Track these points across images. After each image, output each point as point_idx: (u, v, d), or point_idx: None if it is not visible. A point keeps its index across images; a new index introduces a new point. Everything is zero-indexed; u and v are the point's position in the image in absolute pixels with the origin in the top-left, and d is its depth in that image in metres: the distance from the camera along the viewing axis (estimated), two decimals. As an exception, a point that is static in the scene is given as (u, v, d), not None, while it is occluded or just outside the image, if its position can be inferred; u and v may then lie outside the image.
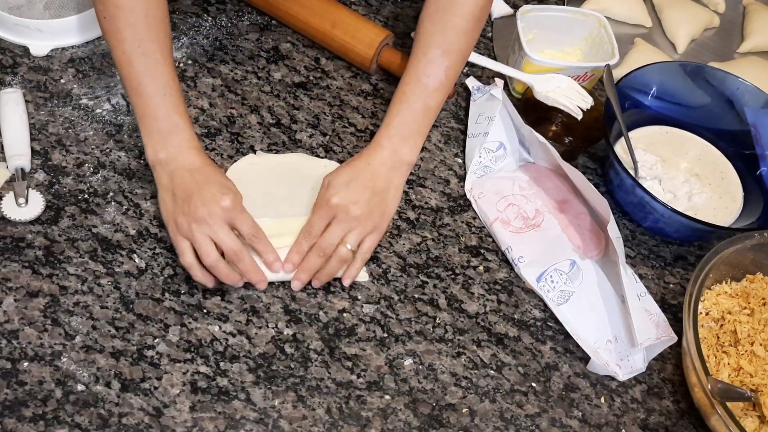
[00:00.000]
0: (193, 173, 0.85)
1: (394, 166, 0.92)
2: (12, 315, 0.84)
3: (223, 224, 0.83)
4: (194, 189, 0.84)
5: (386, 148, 0.91)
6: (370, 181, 0.89)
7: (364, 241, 0.89)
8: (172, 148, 0.86)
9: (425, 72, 0.93)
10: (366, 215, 0.88)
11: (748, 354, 0.90)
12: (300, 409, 0.83)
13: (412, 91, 0.93)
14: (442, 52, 0.93)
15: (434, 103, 0.94)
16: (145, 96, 0.86)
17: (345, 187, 0.88)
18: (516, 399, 0.88)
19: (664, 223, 1.03)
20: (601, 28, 1.16)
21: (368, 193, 0.88)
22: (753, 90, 1.11)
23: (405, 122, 0.92)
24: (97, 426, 0.78)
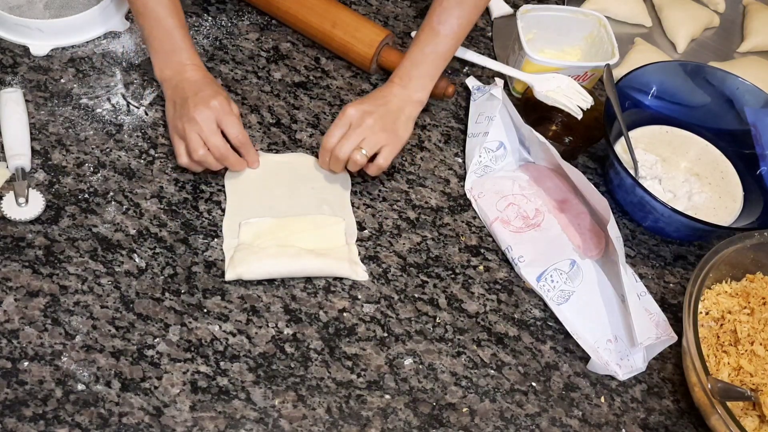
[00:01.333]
0: (191, 83, 0.94)
1: (404, 100, 0.98)
2: (12, 314, 0.84)
3: (212, 123, 0.92)
4: (189, 94, 0.93)
5: (396, 84, 0.99)
6: (383, 103, 0.97)
7: (381, 151, 0.95)
8: (175, 64, 0.96)
9: (438, 19, 0.98)
10: (380, 127, 0.95)
11: (748, 353, 0.90)
12: (300, 409, 0.83)
13: (425, 36, 0.99)
14: (457, 1, 0.98)
15: (444, 48, 1.00)
16: (150, 18, 0.95)
17: (360, 102, 0.96)
18: (516, 398, 0.88)
19: (664, 222, 1.03)
20: (601, 28, 1.16)
21: (382, 109, 0.96)
22: (753, 90, 1.11)
23: (415, 64, 0.99)
24: (97, 425, 0.78)
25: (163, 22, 0.95)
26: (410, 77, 0.99)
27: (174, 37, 0.96)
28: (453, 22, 0.98)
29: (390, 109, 0.97)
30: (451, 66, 1.18)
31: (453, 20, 0.98)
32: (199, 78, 0.96)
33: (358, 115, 0.95)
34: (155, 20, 0.95)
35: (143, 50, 1.08)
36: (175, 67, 0.96)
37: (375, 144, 0.94)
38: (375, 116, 0.95)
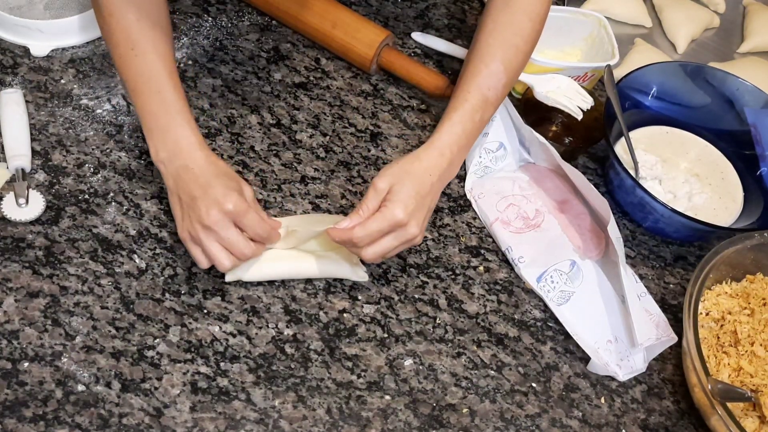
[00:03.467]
0: (195, 174, 0.83)
1: (445, 178, 0.91)
2: (12, 315, 0.84)
3: (230, 228, 0.81)
4: (197, 193, 0.82)
5: (447, 157, 0.90)
6: (428, 198, 0.88)
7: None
8: (171, 144, 0.84)
9: (487, 84, 0.93)
10: (417, 235, 0.86)
11: (748, 354, 0.90)
12: (300, 410, 0.83)
13: (474, 101, 0.92)
14: (504, 67, 0.93)
15: (488, 117, 0.95)
16: (142, 95, 0.85)
17: (411, 202, 0.85)
18: (516, 399, 0.89)
19: (664, 223, 1.03)
20: (601, 29, 1.16)
21: (425, 211, 0.87)
22: (753, 90, 1.11)
23: (465, 132, 0.92)
24: (97, 426, 0.78)
25: (156, 97, 0.85)
26: (459, 148, 0.91)
27: (169, 113, 0.84)
28: (499, 90, 0.94)
29: (431, 204, 0.89)
30: (451, 66, 1.18)
31: (500, 88, 0.94)
32: (201, 162, 0.83)
33: (405, 223, 0.84)
34: (147, 96, 0.85)
35: (143, 51, 1.08)
36: (172, 148, 0.84)
37: (401, 249, 0.88)
38: (419, 223, 0.86)
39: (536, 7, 0.95)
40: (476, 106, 0.92)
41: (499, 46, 0.94)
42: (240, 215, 0.81)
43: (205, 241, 0.82)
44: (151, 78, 0.85)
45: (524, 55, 0.96)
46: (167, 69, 0.86)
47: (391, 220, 0.84)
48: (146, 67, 0.85)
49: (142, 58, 0.85)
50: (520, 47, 0.95)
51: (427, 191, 0.87)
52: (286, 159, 1.03)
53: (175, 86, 0.86)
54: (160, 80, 0.85)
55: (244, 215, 0.82)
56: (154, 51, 0.85)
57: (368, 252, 0.85)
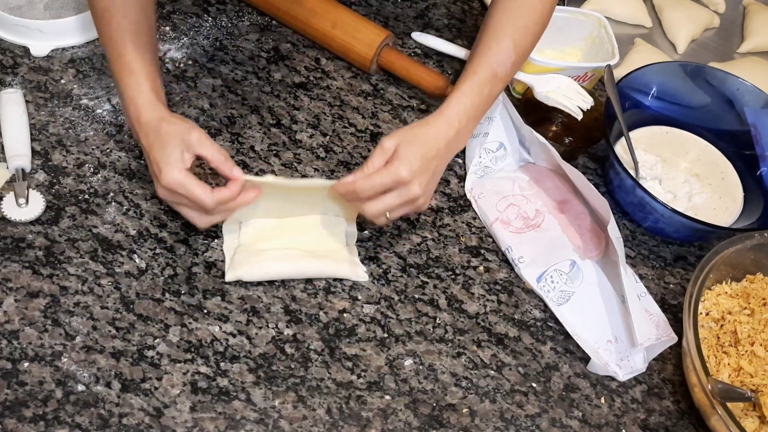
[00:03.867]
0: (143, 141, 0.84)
1: (453, 147, 0.91)
2: (12, 315, 0.84)
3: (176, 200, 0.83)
4: (147, 162, 0.84)
5: (454, 126, 0.90)
6: (434, 161, 0.88)
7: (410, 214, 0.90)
8: (128, 106, 0.84)
9: (497, 60, 0.94)
10: (420, 195, 0.87)
11: (748, 354, 0.90)
12: (300, 410, 0.83)
13: (484, 75, 0.93)
14: (514, 45, 0.94)
15: (497, 92, 0.96)
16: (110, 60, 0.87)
17: (417, 162, 0.85)
18: (516, 399, 0.88)
19: (664, 223, 1.03)
20: (601, 29, 1.16)
21: (429, 173, 0.88)
22: (753, 90, 1.11)
23: (474, 104, 0.92)
24: (97, 426, 0.78)
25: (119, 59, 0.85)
26: (468, 119, 0.91)
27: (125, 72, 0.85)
28: (508, 67, 0.95)
29: (438, 168, 0.89)
30: (451, 66, 1.18)
31: (509, 65, 0.95)
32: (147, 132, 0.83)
33: (408, 181, 0.85)
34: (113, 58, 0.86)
35: (143, 51, 1.08)
36: (128, 110, 0.85)
37: (405, 211, 0.88)
38: (423, 183, 0.86)
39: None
40: (485, 80, 0.93)
41: (510, 24, 0.95)
42: (178, 189, 0.81)
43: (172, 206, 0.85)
44: (116, 41, 0.86)
45: (534, 36, 0.97)
46: (132, 31, 0.86)
47: (394, 176, 0.84)
48: (113, 30, 0.86)
49: (108, 21, 0.87)
50: (530, 28, 0.96)
51: (433, 155, 0.87)
52: (286, 159, 1.03)
53: (137, 47, 0.86)
54: (122, 43, 0.86)
55: (182, 188, 0.81)
56: (122, 16, 0.86)
57: (370, 207, 0.86)
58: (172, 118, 0.84)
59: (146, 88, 0.85)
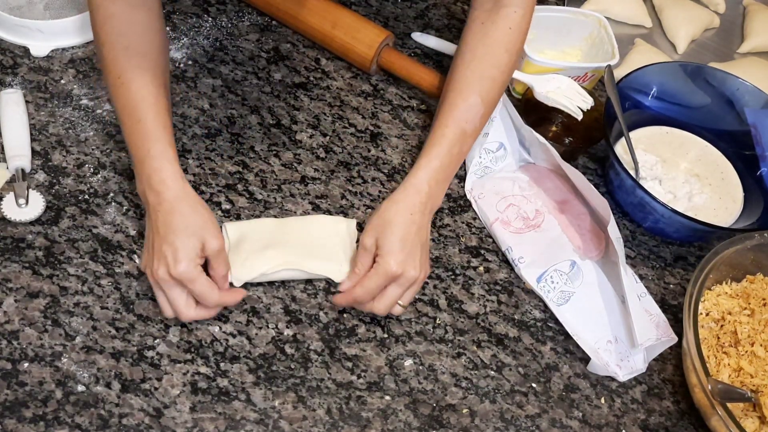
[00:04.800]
0: (159, 219, 0.82)
1: (428, 212, 0.91)
2: (12, 316, 0.84)
3: (174, 289, 0.81)
4: (156, 243, 0.81)
5: (424, 192, 0.90)
6: (417, 236, 0.87)
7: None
8: (145, 178, 0.83)
9: (465, 117, 0.93)
10: (417, 275, 0.86)
11: (748, 354, 0.90)
12: (300, 410, 0.83)
13: (452, 135, 0.92)
14: (481, 99, 0.94)
15: (467, 149, 0.95)
16: (125, 126, 0.85)
17: (400, 251, 0.85)
18: (516, 399, 0.88)
19: (664, 223, 1.03)
20: (601, 29, 1.16)
21: (418, 249, 0.87)
22: (753, 90, 1.11)
23: (443, 166, 0.92)
24: (97, 426, 0.78)
25: (137, 125, 0.83)
26: (437, 182, 0.91)
27: (147, 143, 0.83)
28: (477, 122, 0.94)
29: (423, 238, 0.88)
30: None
31: (478, 120, 0.94)
32: (167, 210, 0.81)
33: (402, 271, 0.85)
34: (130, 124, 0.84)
35: (143, 51, 1.08)
36: (145, 182, 0.83)
37: (415, 291, 0.88)
38: (417, 264, 0.86)
39: (513, 38, 0.95)
40: (454, 140, 0.92)
41: (476, 79, 0.94)
42: (187, 282, 0.80)
43: (156, 290, 0.82)
44: (134, 107, 0.84)
45: (501, 85, 0.96)
46: (151, 98, 0.84)
47: (385, 275, 0.85)
48: (130, 97, 0.84)
49: (126, 87, 0.84)
50: (497, 79, 0.95)
51: (413, 232, 0.87)
52: (286, 159, 1.03)
53: (157, 115, 0.84)
54: (141, 109, 0.84)
55: (191, 283, 0.81)
56: (139, 80, 0.84)
57: (378, 307, 0.86)
58: (197, 204, 0.83)
59: (171, 156, 0.83)
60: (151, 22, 0.87)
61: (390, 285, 0.86)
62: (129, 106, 0.84)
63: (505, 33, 0.94)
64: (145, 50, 0.86)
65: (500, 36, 0.95)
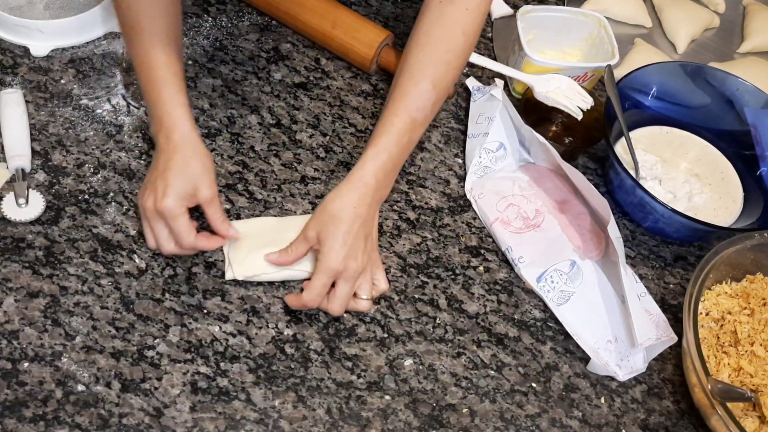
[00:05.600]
0: (161, 156, 0.87)
1: (375, 203, 0.90)
2: (12, 315, 0.84)
3: (158, 221, 0.86)
4: (152, 176, 0.86)
5: (371, 185, 0.88)
6: (362, 228, 0.87)
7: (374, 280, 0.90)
8: (156, 120, 0.88)
9: (416, 105, 0.91)
10: (361, 267, 0.86)
11: (748, 354, 0.90)
12: (300, 410, 0.83)
13: (402, 124, 0.90)
14: (433, 85, 0.91)
15: (416, 137, 0.93)
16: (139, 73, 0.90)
17: (342, 246, 0.85)
18: (516, 399, 0.89)
19: (664, 223, 1.03)
20: (601, 29, 1.16)
21: (362, 241, 0.87)
22: (753, 90, 1.11)
23: (391, 156, 0.90)
24: (97, 426, 0.78)
25: (149, 72, 0.88)
26: (385, 173, 0.89)
27: (157, 87, 0.87)
28: (428, 109, 0.92)
29: (367, 231, 0.88)
30: (451, 66, 1.18)
31: (429, 108, 0.92)
32: (170, 150, 0.86)
33: (344, 267, 0.85)
34: (143, 71, 0.89)
35: (143, 51, 1.08)
36: (156, 123, 0.88)
37: (369, 280, 0.88)
38: (359, 257, 0.86)
39: (471, 20, 0.92)
40: (404, 130, 0.90)
41: (430, 63, 0.91)
42: (168, 218, 0.85)
43: (143, 221, 0.88)
44: (146, 55, 0.88)
45: (455, 71, 0.94)
46: (162, 47, 0.88)
47: (329, 272, 0.85)
48: (144, 46, 0.88)
49: (140, 36, 0.88)
50: (452, 63, 0.92)
51: (357, 225, 0.86)
52: (286, 159, 1.03)
53: (167, 63, 0.88)
54: (153, 58, 0.88)
55: (172, 220, 0.85)
56: (152, 31, 0.88)
57: (333, 307, 0.86)
58: (199, 151, 0.87)
59: (182, 101, 0.88)
60: None
61: (338, 282, 0.86)
62: (142, 54, 0.88)
63: (462, 14, 0.91)
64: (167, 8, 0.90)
65: (457, 17, 0.91)
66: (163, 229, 0.86)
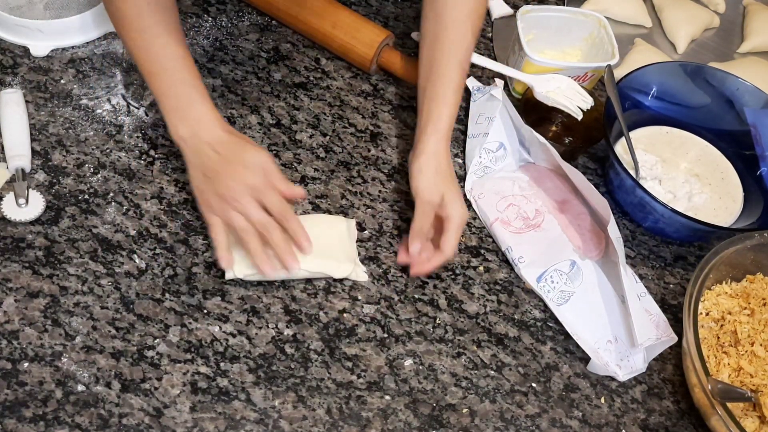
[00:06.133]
0: (216, 148, 0.87)
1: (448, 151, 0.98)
2: (12, 315, 0.84)
3: (251, 201, 0.85)
4: (220, 167, 0.86)
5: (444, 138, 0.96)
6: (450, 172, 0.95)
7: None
8: (191, 121, 0.88)
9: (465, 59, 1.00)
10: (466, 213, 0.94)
11: (748, 354, 0.90)
12: (300, 410, 0.83)
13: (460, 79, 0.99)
14: (474, 36, 1.01)
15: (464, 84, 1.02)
16: (158, 76, 0.89)
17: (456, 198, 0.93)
18: (516, 399, 0.89)
19: (664, 223, 1.03)
20: (601, 29, 1.16)
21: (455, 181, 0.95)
22: (753, 90, 1.11)
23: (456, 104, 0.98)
24: (97, 426, 0.78)
25: (174, 76, 0.88)
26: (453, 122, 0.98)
27: (187, 91, 0.88)
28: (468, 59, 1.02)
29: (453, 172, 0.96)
30: (451, 66, 1.18)
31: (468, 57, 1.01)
32: (221, 138, 0.87)
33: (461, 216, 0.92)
34: (164, 76, 0.89)
35: (143, 51, 1.08)
36: (192, 125, 0.87)
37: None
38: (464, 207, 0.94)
39: None
40: (460, 82, 0.99)
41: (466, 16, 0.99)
42: (261, 189, 0.86)
43: (227, 212, 0.86)
44: (165, 59, 0.89)
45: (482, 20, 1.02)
46: (180, 49, 0.89)
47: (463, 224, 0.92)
48: (160, 49, 0.89)
49: (155, 40, 0.88)
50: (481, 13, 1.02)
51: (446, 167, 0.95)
52: (286, 159, 1.03)
53: (189, 65, 0.89)
54: (174, 60, 0.89)
55: (265, 189, 0.86)
56: (167, 32, 0.89)
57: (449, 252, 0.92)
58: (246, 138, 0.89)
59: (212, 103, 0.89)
60: None
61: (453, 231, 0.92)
62: (160, 57, 0.88)
63: None
64: (166, 3, 0.89)
65: None
66: (251, 200, 0.85)
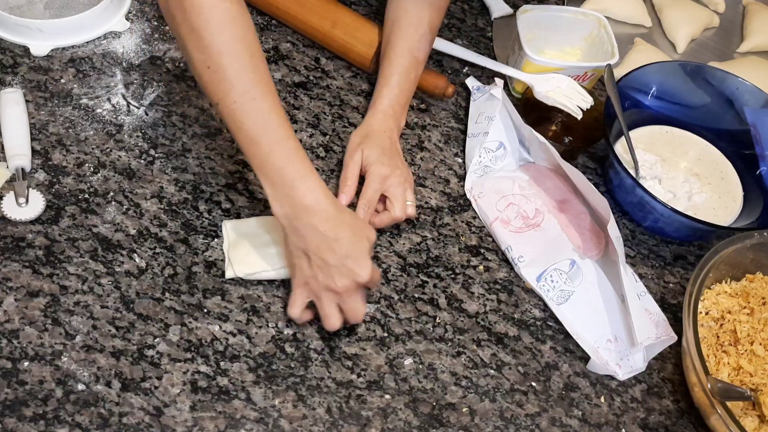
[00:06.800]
0: (324, 233, 0.81)
1: (396, 129, 1.03)
2: (12, 315, 0.84)
3: (356, 295, 0.84)
4: (330, 257, 0.81)
5: (390, 117, 1.02)
6: (394, 147, 1.00)
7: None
8: (297, 200, 0.81)
9: (417, 47, 1.04)
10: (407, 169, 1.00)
11: (747, 353, 0.90)
12: (300, 409, 0.83)
13: (408, 64, 1.03)
14: (430, 28, 1.04)
15: (419, 74, 1.06)
16: (260, 145, 0.80)
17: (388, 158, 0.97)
18: (516, 398, 0.89)
19: (663, 222, 1.03)
20: (601, 28, 1.16)
21: (398, 157, 1.00)
22: (753, 90, 1.11)
23: (403, 91, 1.03)
24: (97, 425, 0.78)
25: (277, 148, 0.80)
26: (400, 106, 1.03)
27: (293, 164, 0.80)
28: (427, 49, 1.06)
29: (395, 148, 1.00)
30: (450, 66, 1.18)
31: (427, 47, 1.05)
32: (333, 227, 0.81)
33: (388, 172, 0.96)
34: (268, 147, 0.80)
35: (143, 50, 1.08)
36: (296, 205, 0.80)
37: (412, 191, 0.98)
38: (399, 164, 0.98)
39: None
40: (411, 69, 1.04)
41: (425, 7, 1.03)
42: (370, 283, 0.85)
43: (324, 300, 0.84)
44: (269, 126, 0.80)
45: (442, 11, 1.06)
46: (282, 114, 0.82)
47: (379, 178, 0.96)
48: (264, 113, 0.80)
49: (258, 103, 0.80)
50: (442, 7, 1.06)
51: (390, 146, 0.99)
52: (286, 158, 1.03)
53: (292, 134, 0.82)
54: (279, 128, 0.81)
55: (373, 282, 0.85)
56: (269, 94, 0.81)
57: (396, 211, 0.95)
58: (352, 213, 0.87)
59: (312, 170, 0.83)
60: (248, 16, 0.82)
61: (388, 189, 0.95)
62: (264, 124, 0.80)
63: None
64: (261, 53, 0.82)
65: None
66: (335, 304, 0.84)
